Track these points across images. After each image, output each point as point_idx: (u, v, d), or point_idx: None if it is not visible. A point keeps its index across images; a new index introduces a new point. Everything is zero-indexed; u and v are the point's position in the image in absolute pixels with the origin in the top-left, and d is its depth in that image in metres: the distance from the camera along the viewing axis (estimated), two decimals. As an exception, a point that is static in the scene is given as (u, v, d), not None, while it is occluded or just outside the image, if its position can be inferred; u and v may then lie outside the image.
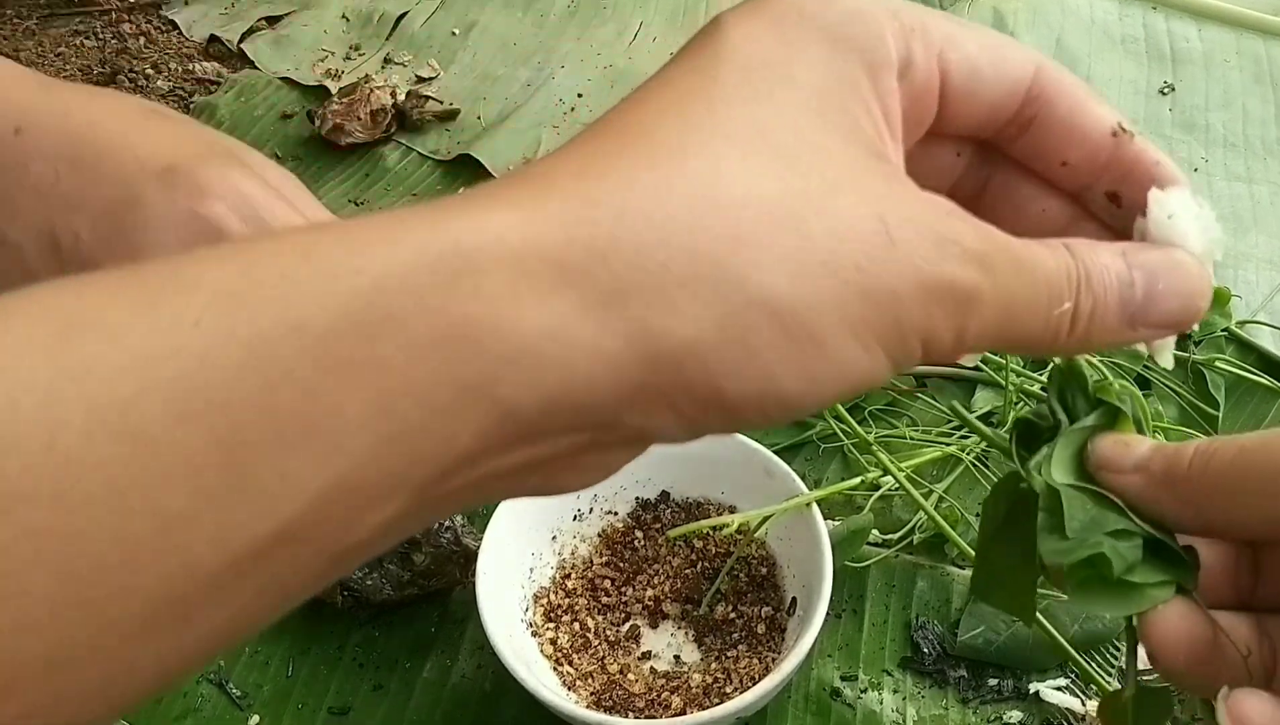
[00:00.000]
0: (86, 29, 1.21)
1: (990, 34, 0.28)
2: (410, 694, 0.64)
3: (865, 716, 0.63)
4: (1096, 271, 0.27)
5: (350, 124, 1.01)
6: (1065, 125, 0.28)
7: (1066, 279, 0.26)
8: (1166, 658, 0.29)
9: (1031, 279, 0.26)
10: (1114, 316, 0.27)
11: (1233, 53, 1.08)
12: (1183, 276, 0.28)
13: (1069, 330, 0.27)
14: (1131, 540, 0.29)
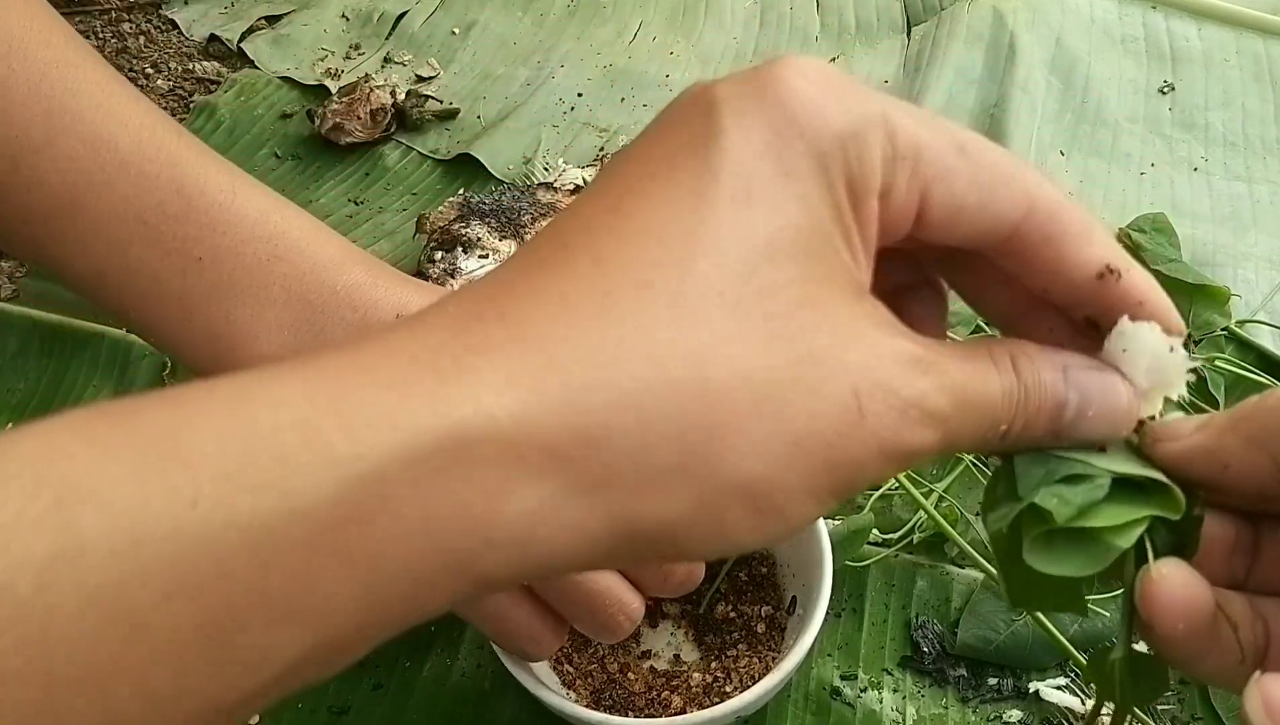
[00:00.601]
0: (86, 28, 1.21)
1: (990, 162, 0.28)
2: (410, 693, 0.64)
3: (865, 715, 0.63)
4: (1035, 392, 0.27)
5: (350, 123, 1.02)
6: (1050, 265, 0.28)
7: (1006, 404, 0.27)
8: (1164, 625, 0.28)
9: (979, 416, 0.27)
10: (1041, 431, 0.28)
11: (1232, 52, 1.08)
12: (1113, 405, 0.29)
13: (999, 440, 0.28)
14: (1090, 482, 0.28)
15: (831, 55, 1.11)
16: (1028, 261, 0.28)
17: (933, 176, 0.27)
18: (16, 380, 0.86)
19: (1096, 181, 0.95)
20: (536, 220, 0.88)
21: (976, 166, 0.27)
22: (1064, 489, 0.28)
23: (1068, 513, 0.27)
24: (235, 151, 1.04)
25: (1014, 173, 0.28)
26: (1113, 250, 0.29)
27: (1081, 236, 0.28)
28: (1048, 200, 0.28)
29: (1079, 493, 0.28)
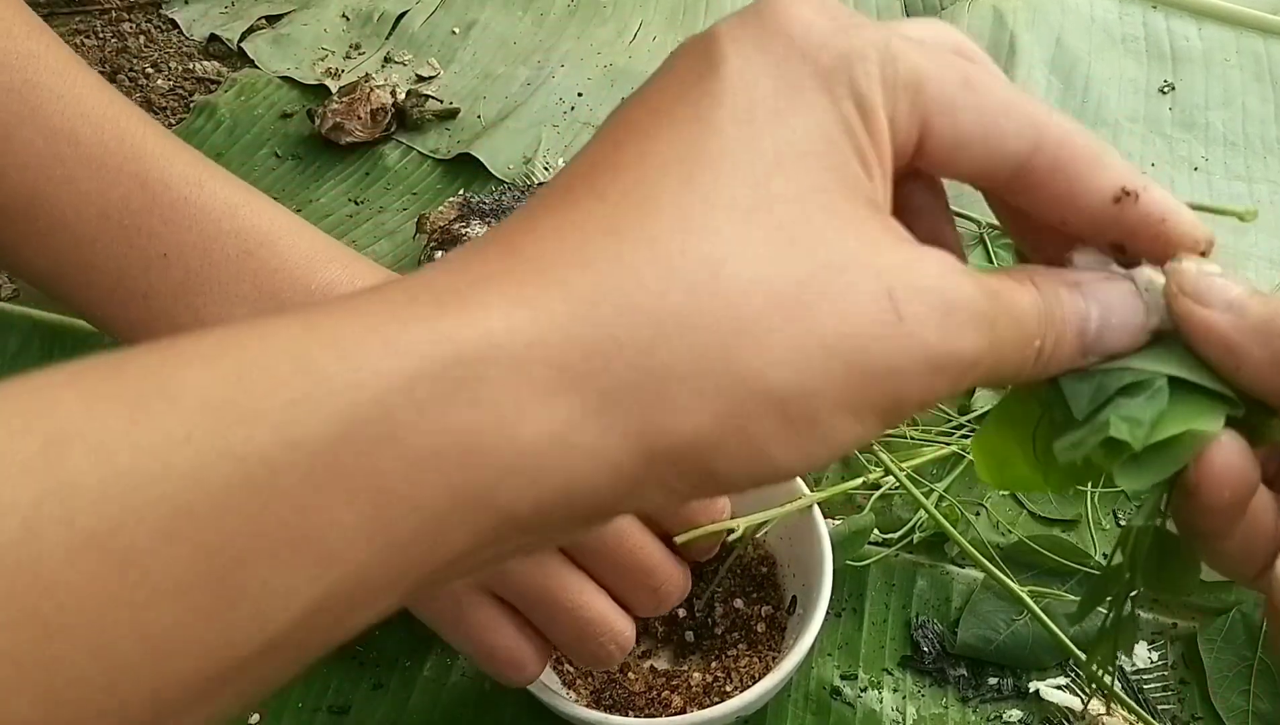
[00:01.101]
0: (86, 28, 1.21)
1: (996, 95, 0.27)
2: (410, 692, 0.64)
3: (865, 715, 0.63)
4: (1059, 308, 0.27)
5: (350, 123, 1.01)
6: (1064, 194, 0.27)
7: (1037, 318, 0.26)
8: (1212, 491, 0.27)
9: (1019, 328, 0.26)
10: (1071, 348, 0.27)
11: (1233, 51, 1.08)
12: (1133, 309, 0.28)
13: (1034, 362, 0.27)
14: (1148, 390, 0.27)
15: (832, 55, 1.11)
16: (1039, 194, 0.27)
17: (935, 108, 0.26)
18: (17, 380, 0.86)
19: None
20: (537, 220, 0.88)
21: (981, 100, 0.27)
22: (1128, 406, 0.26)
23: (1143, 434, 0.26)
24: (235, 151, 1.04)
25: (1021, 106, 0.27)
26: (1128, 171, 0.28)
27: (1094, 161, 0.27)
28: (1055, 129, 0.27)
29: (1145, 408, 0.26)
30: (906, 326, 0.23)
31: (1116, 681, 0.62)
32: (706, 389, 0.22)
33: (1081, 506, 0.71)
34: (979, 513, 0.71)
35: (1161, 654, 0.64)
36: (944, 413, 0.75)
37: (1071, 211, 0.28)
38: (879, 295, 0.23)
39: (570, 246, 0.23)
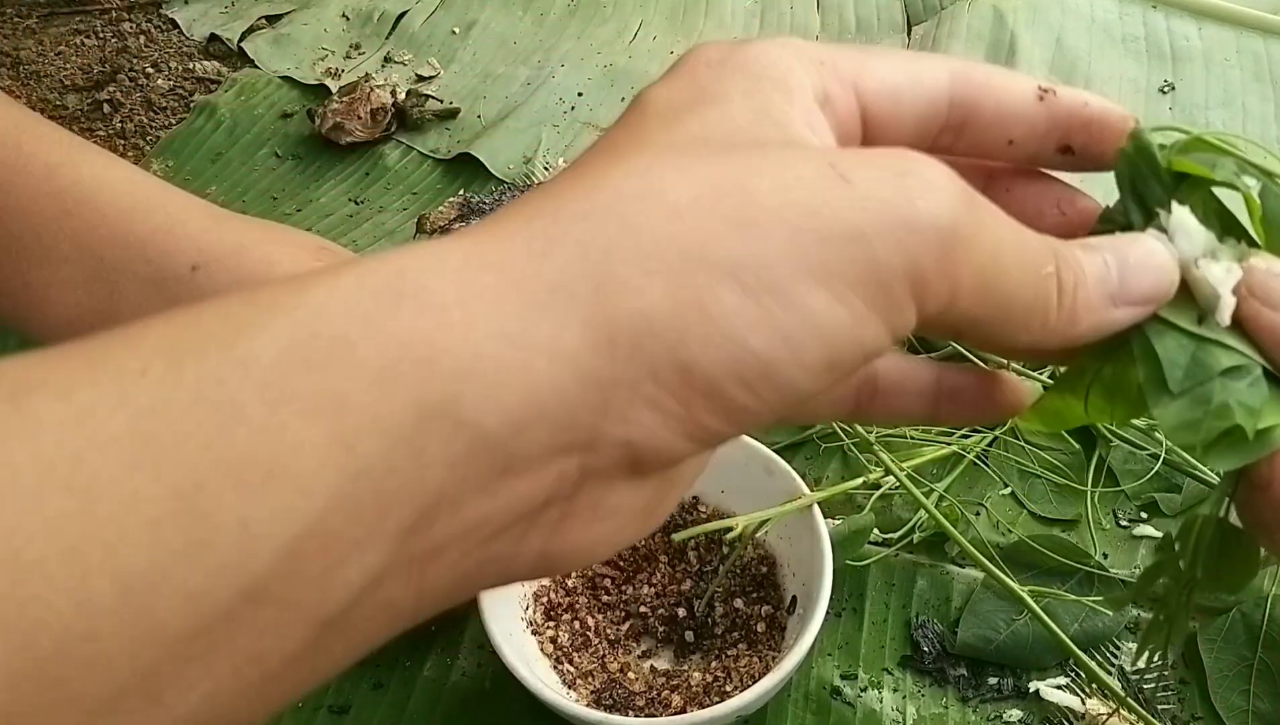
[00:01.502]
0: (87, 28, 1.21)
1: (900, 54, 0.28)
2: (410, 692, 0.64)
3: (865, 715, 0.63)
4: (1067, 249, 0.26)
5: (350, 123, 1.02)
6: (994, 112, 0.28)
7: (1044, 244, 0.26)
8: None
9: (1015, 227, 0.25)
10: (1095, 292, 0.26)
11: (1233, 51, 1.08)
12: (1146, 251, 0.27)
13: (1057, 302, 0.25)
14: (1248, 377, 0.27)
15: (832, 55, 1.11)
16: (978, 122, 0.28)
17: (857, 72, 0.27)
18: (17, 380, 0.86)
19: (1097, 181, 0.95)
20: (537, 220, 0.88)
21: (889, 56, 0.28)
22: (1239, 391, 0.26)
23: (1253, 423, 0.26)
24: (235, 151, 1.04)
25: (923, 55, 0.29)
26: (1032, 77, 0.29)
27: (1004, 74, 0.29)
28: (962, 62, 0.29)
29: (1253, 395, 0.26)
30: (858, 189, 0.22)
31: (1116, 681, 0.62)
32: (653, 266, 0.21)
33: (1081, 506, 0.71)
34: (979, 513, 0.71)
35: (1162, 654, 0.64)
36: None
37: (1011, 124, 0.29)
38: (820, 166, 0.23)
39: (509, 209, 0.23)
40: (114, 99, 1.11)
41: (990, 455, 0.73)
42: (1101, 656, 0.64)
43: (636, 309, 0.21)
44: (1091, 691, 0.62)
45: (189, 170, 1.03)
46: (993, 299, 0.24)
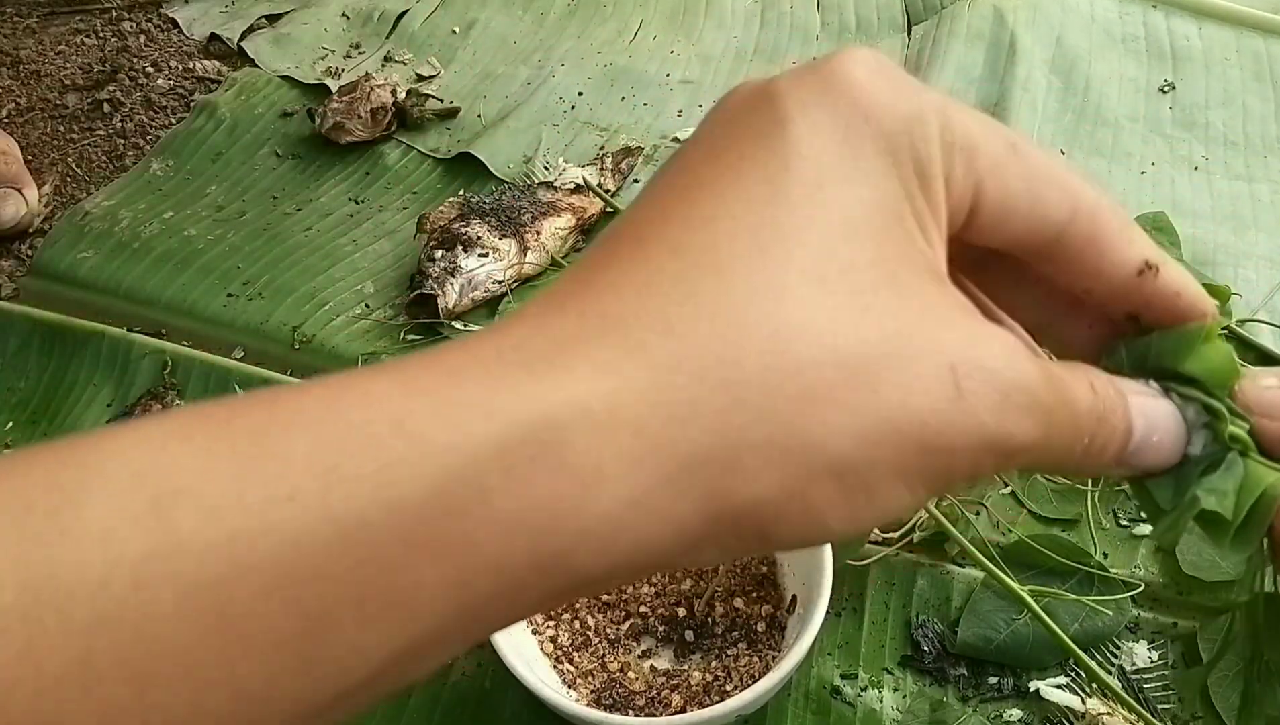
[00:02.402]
0: (87, 27, 1.21)
1: (1039, 161, 0.28)
2: (410, 692, 0.64)
3: (865, 715, 0.63)
4: (1110, 413, 0.27)
5: (350, 122, 1.01)
6: (1093, 265, 0.28)
7: (1091, 418, 0.27)
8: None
9: (1074, 420, 0.26)
10: (1111, 455, 0.28)
11: (1233, 51, 1.08)
12: (1177, 431, 0.28)
13: (1081, 457, 0.27)
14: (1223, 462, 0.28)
15: (832, 54, 1.11)
16: (1071, 263, 0.28)
17: (986, 169, 0.27)
18: (17, 378, 0.86)
19: (1097, 180, 0.95)
20: (536, 219, 0.88)
21: (1027, 164, 0.27)
22: (1210, 481, 0.28)
23: (1230, 503, 0.28)
24: (236, 150, 1.04)
25: (1061, 173, 0.28)
26: (1150, 246, 0.29)
27: (1121, 233, 0.28)
28: (1090, 201, 0.28)
29: (1226, 479, 0.28)
30: (965, 403, 0.24)
31: (1116, 681, 0.62)
32: (774, 457, 0.23)
33: (1082, 506, 0.71)
34: (979, 512, 0.71)
35: (1161, 654, 0.64)
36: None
37: (1098, 281, 0.29)
38: (941, 369, 0.24)
39: (651, 308, 0.23)
40: (114, 98, 1.11)
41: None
42: (1101, 656, 0.64)
43: (750, 494, 0.23)
44: (1091, 691, 0.62)
45: (189, 169, 1.03)
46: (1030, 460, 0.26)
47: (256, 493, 0.20)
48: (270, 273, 0.91)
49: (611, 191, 0.95)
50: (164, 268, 0.92)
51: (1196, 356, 0.29)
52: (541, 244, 0.87)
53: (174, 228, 0.95)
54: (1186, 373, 0.29)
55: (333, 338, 0.85)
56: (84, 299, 0.91)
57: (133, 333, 0.87)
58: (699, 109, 1.05)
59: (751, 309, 0.23)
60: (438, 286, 0.83)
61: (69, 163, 1.06)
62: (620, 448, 0.22)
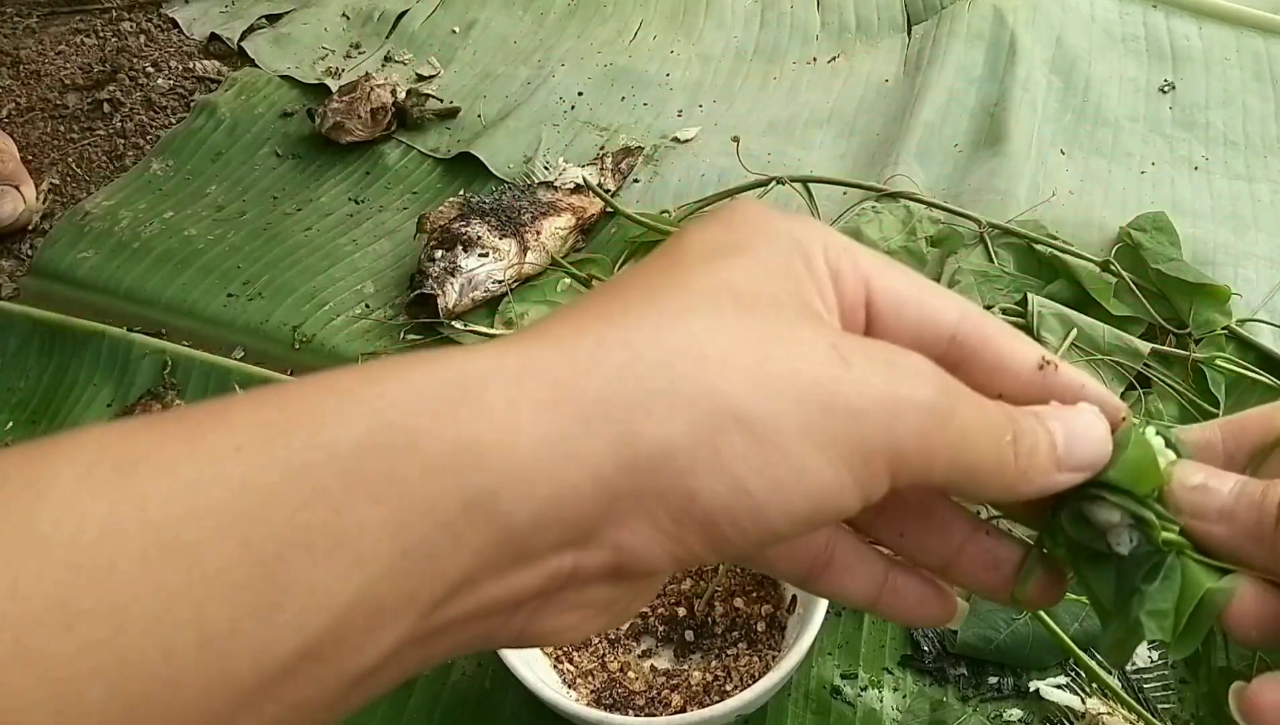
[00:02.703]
0: (87, 27, 1.21)
1: (919, 277, 0.31)
2: (410, 691, 0.64)
3: (865, 714, 0.63)
4: (1024, 419, 0.29)
5: (351, 122, 1.01)
6: (994, 365, 0.30)
7: (1003, 414, 0.29)
8: (1242, 636, 0.30)
9: (981, 407, 0.28)
10: (1045, 455, 0.29)
11: (1233, 51, 1.08)
12: (1090, 423, 0.30)
13: (1014, 465, 0.28)
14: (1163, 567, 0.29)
15: (832, 54, 1.11)
16: (975, 364, 0.31)
17: (872, 268, 0.30)
18: (17, 378, 0.86)
19: (1097, 180, 0.95)
20: (536, 219, 0.88)
21: (910, 274, 0.31)
22: (1152, 598, 0.29)
23: (1170, 625, 0.29)
24: (236, 150, 1.04)
25: (943, 288, 0.31)
26: (1040, 347, 0.31)
27: (1014, 337, 0.31)
28: (976, 308, 0.31)
29: (1165, 595, 0.29)
30: (854, 371, 0.26)
31: (1116, 681, 0.62)
32: (678, 401, 0.25)
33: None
34: (979, 511, 0.71)
35: (1161, 654, 0.64)
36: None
37: (1004, 378, 0.31)
38: (825, 346, 0.26)
39: (553, 325, 0.27)
40: (114, 98, 1.11)
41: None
42: (1101, 656, 0.64)
43: (659, 436, 0.24)
44: (1091, 691, 0.62)
45: (189, 169, 1.03)
46: (960, 468, 0.27)
47: (206, 451, 0.22)
48: (270, 273, 0.91)
49: (611, 191, 0.95)
50: (164, 268, 0.92)
51: (1117, 464, 0.30)
52: (541, 244, 0.87)
53: (174, 227, 0.95)
54: (1110, 482, 0.30)
55: (333, 337, 0.85)
56: (84, 299, 0.91)
57: (133, 333, 0.87)
58: (699, 109, 1.05)
59: (649, 309, 0.26)
60: (438, 286, 0.83)
61: (69, 162, 1.06)
62: (533, 393, 0.24)
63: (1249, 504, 0.29)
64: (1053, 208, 0.90)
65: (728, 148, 0.94)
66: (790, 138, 1.01)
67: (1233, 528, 0.29)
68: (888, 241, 0.82)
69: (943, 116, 1.00)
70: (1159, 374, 0.77)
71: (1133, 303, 0.81)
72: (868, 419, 0.26)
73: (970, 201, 0.90)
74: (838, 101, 1.05)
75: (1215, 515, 0.30)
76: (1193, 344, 0.79)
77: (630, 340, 0.25)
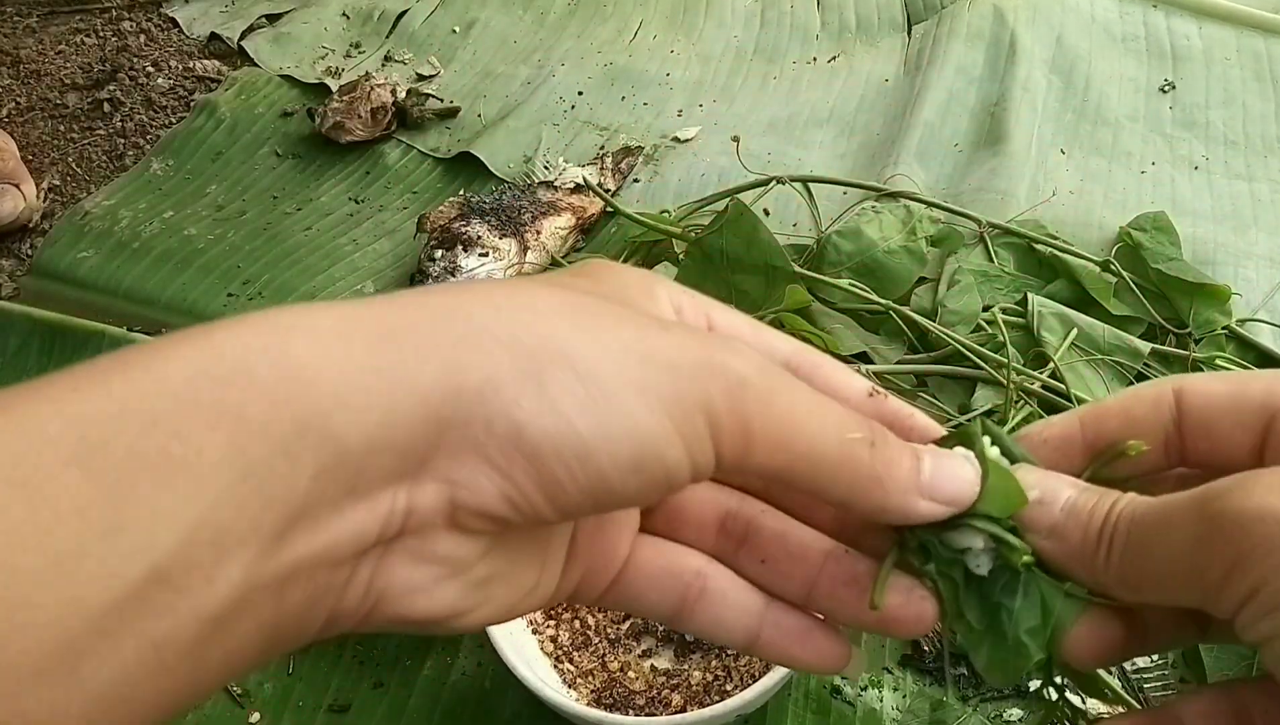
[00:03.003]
0: (87, 27, 1.21)
1: (753, 320, 0.33)
2: (410, 692, 0.64)
3: (865, 714, 0.63)
4: (884, 432, 0.29)
5: (351, 121, 1.01)
6: (827, 387, 0.32)
7: (851, 415, 0.29)
8: (1084, 663, 0.31)
9: (818, 398, 0.29)
10: (907, 472, 0.29)
11: (1233, 50, 1.08)
12: (960, 463, 0.30)
13: (869, 464, 0.28)
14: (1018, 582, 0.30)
15: (832, 54, 1.11)
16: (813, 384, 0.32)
17: (710, 304, 0.32)
18: (17, 378, 0.86)
19: (1097, 180, 0.95)
20: (536, 218, 0.88)
21: (737, 314, 0.32)
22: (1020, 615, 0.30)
23: (1043, 640, 0.30)
24: (236, 150, 1.04)
25: (768, 327, 0.33)
26: (868, 381, 0.33)
27: (844, 368, 0.33)
28: (805, 345, 0.33)
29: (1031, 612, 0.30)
30: (672, 333, 0.27)
31: (1116, 681, 0.62)
32: (505, 339, 0.26)
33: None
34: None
35: (1161, 654, 0.64)
36: (945, 412, 0.75)
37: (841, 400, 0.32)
38: (647, 316, 0.28)
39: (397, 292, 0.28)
40: (114, 98, 1.11)
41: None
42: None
43: (484, 368, 0.25)
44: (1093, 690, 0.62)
45: (189, 169, 1.03)
46: (794, 449, 0.28)
47: (50, 390, 0.23)
48: (270, 272, 0.91)
49: (611, 191, 0.95)
50: (164, 267, 0.92)
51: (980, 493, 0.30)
52: (541, 243, 0.87)
53: (174, 227, 0.95)
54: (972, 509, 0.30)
55: (333, 337, 0.85)
56: (84, 298, 0.91)
57: (133, 332, 0.87)
58: (699, 109, 1.05)
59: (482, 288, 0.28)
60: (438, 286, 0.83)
61: (69, 162, 1.06)
62: (365, 327, 0.25)
63: (1077, 523, 0.29)
64: (1053, 207, 0.90)
65: (728, 147, 0.94)
66: (790, 137, 1.01)
67: (1063, 546, 0.29)
68: (888, 241, 0.82)
69: (943, 116, 1.00)
70: (1159, 374, 0.77)
71: (1133, 302, 0.81)
72: (683, 374, 0.27)
73: (970, 201, 0.90)
74: (838, 101, 1.05)
75: (1046, 532, 0.30)
76: (1193, 344, 0.79)
77: (461, 296, 0.27)
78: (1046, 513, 0.30)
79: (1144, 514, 0.28)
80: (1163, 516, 0.27)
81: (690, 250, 0.80)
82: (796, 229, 0.90)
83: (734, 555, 0.33)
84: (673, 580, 0.32)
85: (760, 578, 0.32)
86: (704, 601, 0.32)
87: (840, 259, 0.81)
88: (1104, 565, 0.29)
